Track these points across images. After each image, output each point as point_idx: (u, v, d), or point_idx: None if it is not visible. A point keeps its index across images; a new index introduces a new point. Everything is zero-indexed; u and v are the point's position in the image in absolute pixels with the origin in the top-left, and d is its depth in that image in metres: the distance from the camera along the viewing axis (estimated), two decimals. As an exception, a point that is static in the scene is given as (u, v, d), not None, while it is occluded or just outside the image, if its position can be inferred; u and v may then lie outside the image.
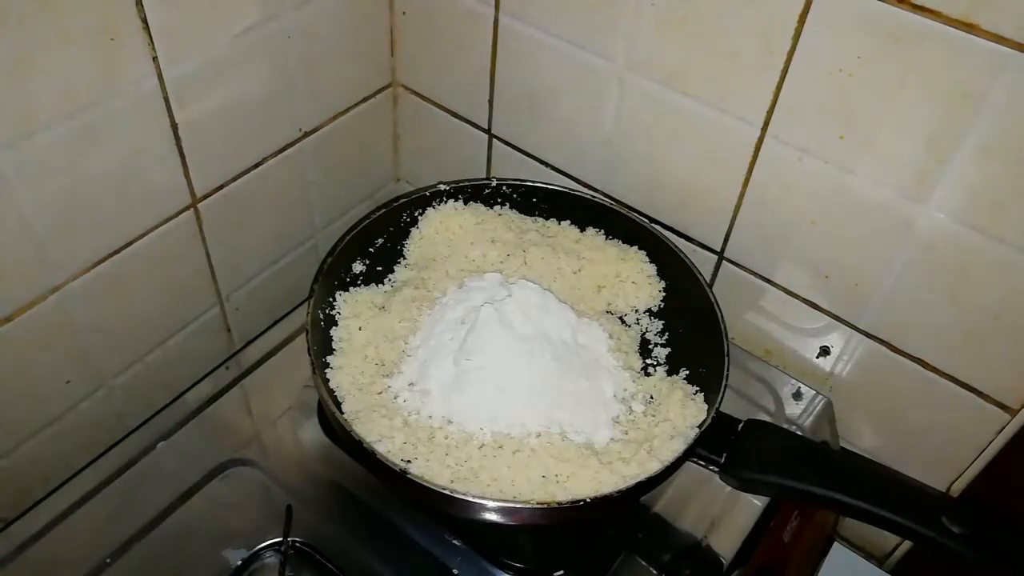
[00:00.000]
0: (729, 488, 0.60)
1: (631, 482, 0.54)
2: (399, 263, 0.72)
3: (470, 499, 0.52)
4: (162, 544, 0.61)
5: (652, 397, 0.63)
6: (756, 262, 0.72)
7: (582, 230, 0.74)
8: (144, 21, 0.58)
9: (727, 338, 0.63)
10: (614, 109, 0.71)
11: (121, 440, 0.66)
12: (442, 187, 0.73)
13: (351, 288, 0.68)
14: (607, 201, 0.75)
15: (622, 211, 0.73)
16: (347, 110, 0.82)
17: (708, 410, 0.60)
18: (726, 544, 0.63)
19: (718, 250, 0.73)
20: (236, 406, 0.71)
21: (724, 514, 0.65)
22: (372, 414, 0.58)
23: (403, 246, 0.72)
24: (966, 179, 0.56)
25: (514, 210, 0.75)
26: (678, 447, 0.57)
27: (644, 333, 0.69)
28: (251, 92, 0.70)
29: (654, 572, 0.61)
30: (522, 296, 0.63)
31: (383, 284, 0.70)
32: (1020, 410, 0.63)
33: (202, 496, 0.63)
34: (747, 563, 0.63)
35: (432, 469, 0.56)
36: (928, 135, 0.56)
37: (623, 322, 0.69)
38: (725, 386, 0.60)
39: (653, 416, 0.61)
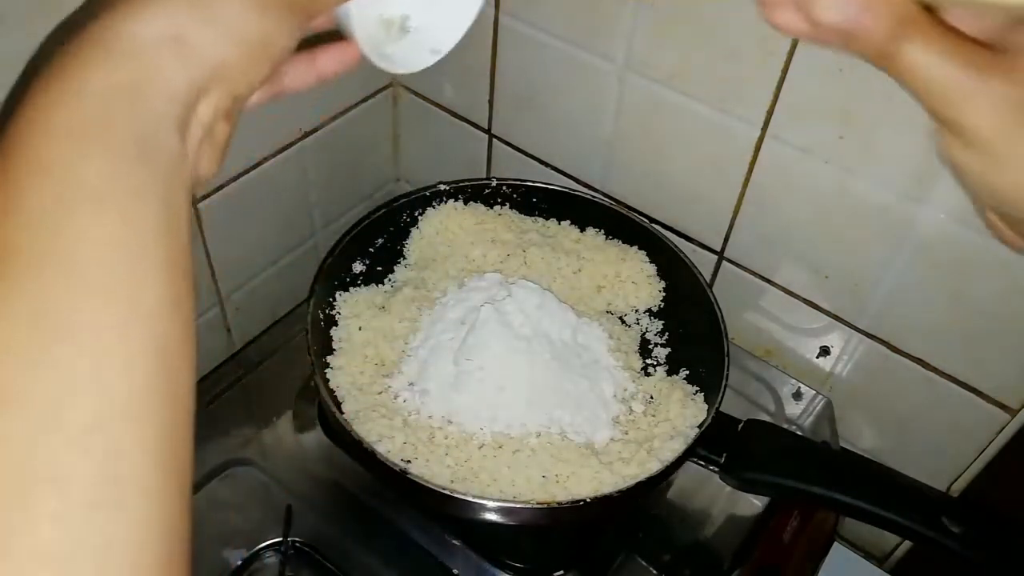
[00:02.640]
0: (729, 488, 0.60)
1: (631, 482, 0.54)
2: (399, 263, 0.72)
3: (470, 499, 0.52)
4: (162, 544, 0.61)
5: (652, 397, 0.63)
6: (756, 262, 0.72)
7: (582, 230, 0.74)
8: (144, 21, 0.58)
9: (727, 338, 0.63)
10: (614, 109, 0.71)
11: (121, 440, 0.66)
12: (442, 187, 0.73)
13: (351, 288, 0.68)
14: (607, 201, 0.75)
15: (622, 211, 0.73)
16: (347, 110, 0.82)
17: (708, 410, 0.60)
18: (726, 544, 0.63)
19: (718, 250, 0.73)
20: (236, 406, 0.71)
21: (724, 514, 0.65)
22: (372, 414, 0.58)
23: (403, 246, 0.72)
24: (966, 179, 0.56)
25: (514, 210, 0.75)
26: (678, 447, 0.57)
27: (644, 333, 0.69)
28: (251, 92, 0.70)
29: (654, 572, 0.61)
30: (522, 296, 0.63)
31: (383, 284, 0.70)
32: (1020, 410, 0.63)
33: (202, 496, 0.63)
34: (747, 563, 0.63)
35: (432, 469, 0.56)
36: (928, 135, 0.56)
37: (623, 322, 0.69)
38: (725, 386, 0.60)
39: (653, 416, 0.61)
